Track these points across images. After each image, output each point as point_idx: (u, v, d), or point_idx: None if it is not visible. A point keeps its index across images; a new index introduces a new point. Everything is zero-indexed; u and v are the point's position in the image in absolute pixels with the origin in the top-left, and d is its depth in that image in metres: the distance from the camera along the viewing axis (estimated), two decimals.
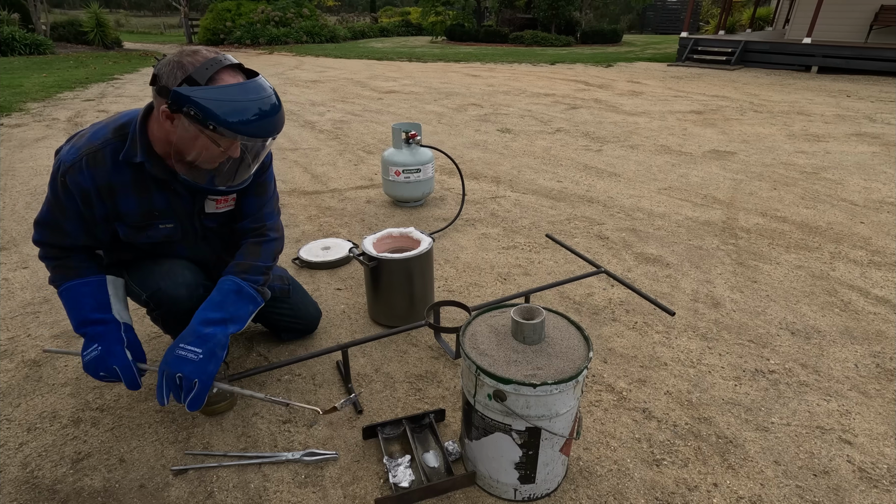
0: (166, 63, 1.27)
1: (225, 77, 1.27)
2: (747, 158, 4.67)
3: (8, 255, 2.80)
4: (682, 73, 10.57)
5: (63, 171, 1.38)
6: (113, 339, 1.45)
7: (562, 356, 1.29)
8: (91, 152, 1.39)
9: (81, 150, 1.39)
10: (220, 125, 1.24)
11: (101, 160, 1.40)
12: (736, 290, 2.48)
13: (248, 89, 1.27)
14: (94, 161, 1.39)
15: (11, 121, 5.96)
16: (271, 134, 1.33)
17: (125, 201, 1.46)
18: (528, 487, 1.39)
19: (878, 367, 1.95)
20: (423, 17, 21.39)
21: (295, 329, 2.05)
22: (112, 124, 1.43)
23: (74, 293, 1.48)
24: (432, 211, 3.44)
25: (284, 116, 1.36)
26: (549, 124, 6.00)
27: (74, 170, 1.38)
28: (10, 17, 13.99)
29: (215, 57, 1.27)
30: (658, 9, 25.37)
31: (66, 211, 1.43)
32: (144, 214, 1.50)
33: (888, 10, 11.06)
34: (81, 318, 1.46)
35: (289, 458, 1.53)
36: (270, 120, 1.30)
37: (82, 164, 1.38)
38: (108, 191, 1.43)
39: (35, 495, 1.43)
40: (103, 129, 1.42)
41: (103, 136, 1.41)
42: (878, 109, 6.89)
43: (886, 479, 1.48)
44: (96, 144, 1.39)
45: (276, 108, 1.32)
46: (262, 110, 1.28)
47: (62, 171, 1.38)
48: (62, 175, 1.38)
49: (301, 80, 9.54)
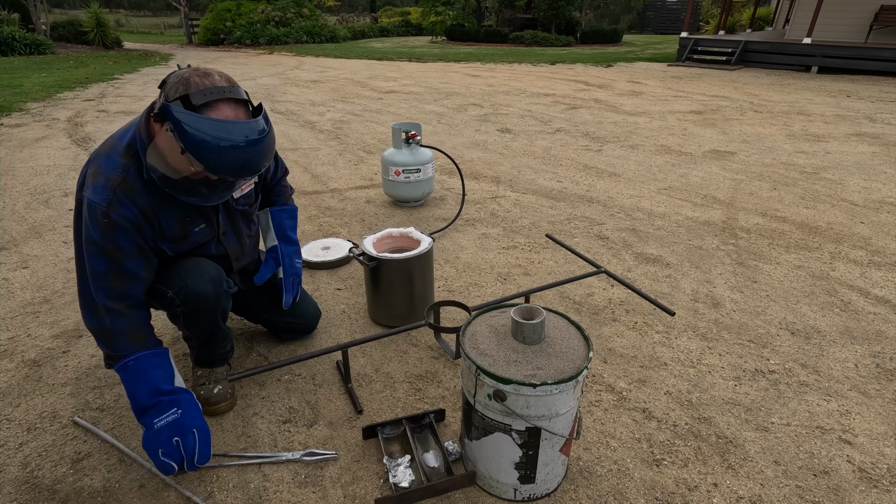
0: (178, 75, 1.28)
1: (220, 108, 1.25)
2: (747, 158, 4.67)
3: (8, 255, 2.80)
4: (682, 73, 10.58)
5: (104, 212, 1.34)
6: (191, 404, 1.44)
7: (562, 356, 1.29)
8: (119, 182, 1.36)
9: (109, 184, 1.35)
10: (187, 150, 1.23)
11: (132, 185, 1.37)
12: (736, 290, 2.48)
13: (232, 129, 1.24)
14: (127, 189, 1.36)
15: (11, 121, 5.96)
16: (235, 175, 1.31)
17: (165, 216, 1.46)
18: (528, 487, 1.39)
19: (878, 367, 1.95)
20: (423, 17, 21.40)
21: (295, 329, 2.05)
22: (117, 147, 1.39)
23: (145, 363, 1.42)
24: (432, 211, 3.44)
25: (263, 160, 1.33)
26: (549, 124, 6.00)
27: (115, 204, 1.35)
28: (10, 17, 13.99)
29: (223, 87, 1.26)
30: (658, 9, 25.36)
31: (123, 250, 1.39)
32: (181, 223, 1.50)
33: (888, 10, 11.06)
34: (154, 389, 1.40)
35: (289, 458, 1.53)
36: (239, 163, 1.27)
37: (119, 196, 1.35)
38: (151, 212, 1.42)
39: (35, 495, 1.43)
40: (112, 157, 1.38)
41: (117, 162, 1.37)
42: (878, 109, 6.89)
43: (886, 479, 1.48)
44: (118, 173, 1.36)
45: (248, 155, 1.28)
46: (234, 152, 1.25)
47: (103, 213, 1.34)
48: (105, 216, 1.34)
49: (301, 80, 9.54)
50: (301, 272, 1.95)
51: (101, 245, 1.37)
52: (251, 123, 1.28)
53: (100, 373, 1.90)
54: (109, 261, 1.38)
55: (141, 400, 1.39)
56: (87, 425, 1.64)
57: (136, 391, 1.40)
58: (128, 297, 1.43)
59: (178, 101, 1.23)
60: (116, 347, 1.43)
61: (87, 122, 5.90)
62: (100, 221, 1.35)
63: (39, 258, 2.76)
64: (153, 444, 1.36)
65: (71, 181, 3.94)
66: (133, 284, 1.44)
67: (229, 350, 1.79)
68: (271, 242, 1.87)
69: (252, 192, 1.72)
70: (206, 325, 1.64)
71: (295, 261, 1.91)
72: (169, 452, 1.36)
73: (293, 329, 2.05)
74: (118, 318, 1.42)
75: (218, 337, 1.70)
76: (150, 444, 1.36)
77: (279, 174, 1.88)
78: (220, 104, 1.25)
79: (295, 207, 1.92)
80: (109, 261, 1.38)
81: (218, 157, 1.24)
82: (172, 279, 1.53)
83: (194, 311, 1.58)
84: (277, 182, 1.89)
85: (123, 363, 1.42)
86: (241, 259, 1.77)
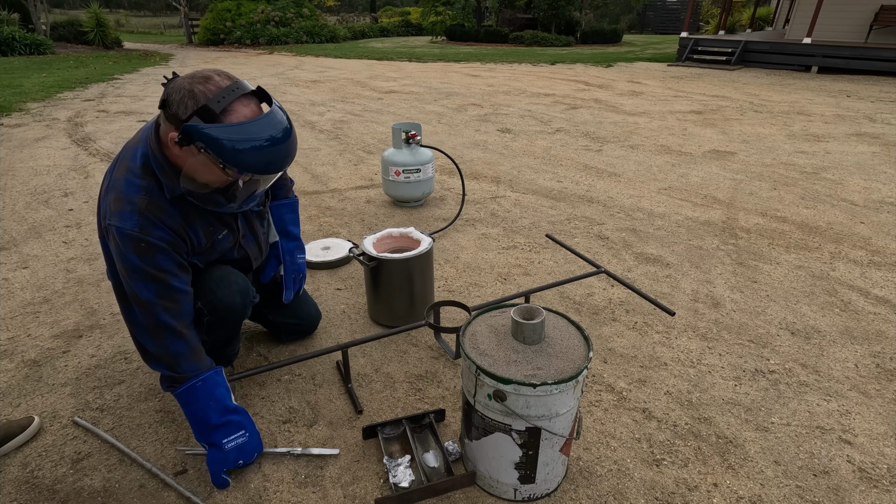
0: (177, 90, 1.21)
1: (238, 109, 1.23)
2: (747, 158, 4.67)
3: (8, 255, 2.80)
4: (682, 73, 10.58)
5: (138, 238, 1.31)
6: (252, 425, 1.50)
7: (562, 356, 1.29)
8: (146, 205, 1.32)
9: (136, 209, 1.31)
10: (229, 164, 1.21)
11: (159, 206, 1.34)
12: (736, 290, 2.48)
13: (262, 126, 1.22)
14: (155, 210, 1.33)
15: (11, 121, 5.96)
16: (282, 169, 1.31)
17: (193, 230, 1.45)
18: (528, 487, 1.39)
19: (878, 367, 1.95)
20: (423, 17, 21.40)
21: (296, 331, 2.05)
22: (133, 170, 1.34)
23: (212, 383, 1.43)
24: (432, 211, 3.44)
25: (295, 145, 1.33)
26: (549, 124, 6.00)
27: (148, 227, 1.32)
28: (10, 17, 13.99)
29: (229, 86, 1.22)
30: (658, 9, 25.37)
31: (167, 271, 1.37)
32: (207, 233, 1.50)
33: (888, 10, 11.06)
34: (222, 407, 1.43)
35: (291, 453, 1.54)
36: (282, 157, 1.27)
37: (149, 219, 1.32)
38: (182, 229, 1.41)
39: (35, 495, 1.43)
40: (131, 181, 1.33)
41: (138, 185, 1.33)
42: (878, 109, 6.89)
43: (886, 479, 1.48)
44: (142, 196, 1.32)
45: (287, 145, 1.28)
46: (274, 148, 1.24)
47: (137, 238, 1.31)
48: (141, 241, 1.31)
49: (301, 80, 9.54)
50: (304, 268, 1.95)
51: (145, 271, 1.34)
52: (272, 115, 1.26)
53: (100, 373, 1.90)
54: (157, 284, 1.37)
55: (211, 419, 1.41)
56: (87, 425, 1.64)
57: (206, 411, 1.41)
58: (182, 315, 1.42)
59: (194, 117, 1.19)
60: (182, 369, 1.42)
61: (87, 122, 5.90)
62: (136, 248, 1.32)
63: (39, 258, 2.76)
64: (220, 464, 1.43)
65: (71, 181, 3.94)
66: (184, 301, 1.43)
67: (236, 353, 1.82)
68: (272, 239, 1.86)
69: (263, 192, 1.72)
70: (227, 333, 1.66)
71: (297, 257, 1.89)
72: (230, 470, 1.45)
73: (294, 330, 2.04)
74: (178, 339, 1.41)
75: (232, 341, 1.74)
76: (218, 463, 1.42)
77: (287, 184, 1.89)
78: (236, 105, 1.23)
79: (296, 199, 1.90)
80: (157, 284, 1.37)
81: (261, 158, 1.23)
82: (201, 290, 1.53)
83: (221, 320, 1.59)
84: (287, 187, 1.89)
85: (191, 385, 1.41)
86: (258, 259, 1.78)
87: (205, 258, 1.54)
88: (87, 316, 2.25)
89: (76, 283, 2.51)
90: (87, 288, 2.47)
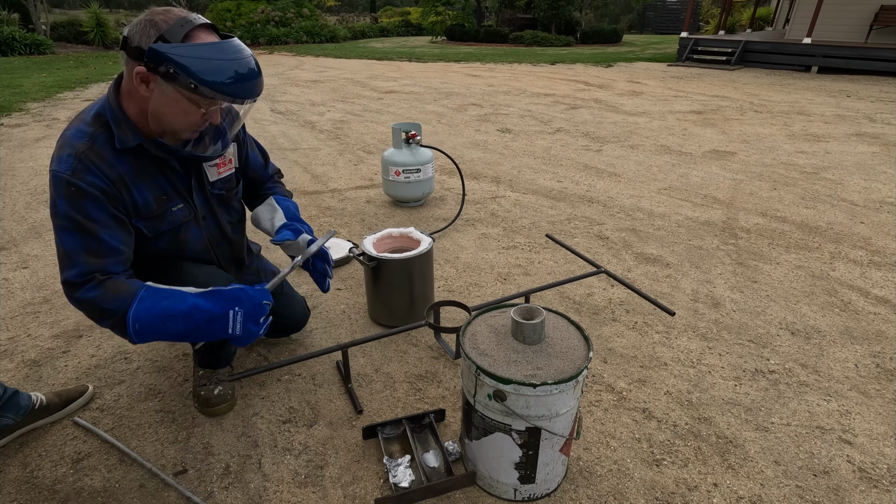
0: (137, 23, 1.20)
1: (200, 35, 1.22)
2: (747, 158, 4.67)
3: (8, 255, 2.80)
4: (682, 73, 10.58)
5: (69, 181, 1.23)
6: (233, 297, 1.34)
7: (562, 356, 1.29)
8: (85, 150, 1.26)
9: (74, 153, 1.25)
10: (200, 84, 1.18)
11: (99, 154, 1.28)
12: (736, 290, 2.48)
13: (227, 49, 1.21)
14: (93, 156, 1.27)
15: (11, 121, 5.96)
16: (252, 95, 1.27)
17: (138, 191, 1.36)
18: (528, 487, 1.39)
19: (878, 367, 1.95)
20: (423, 17, 21.40)
21: (281, 328, 1.96)
22: (85, 119, 1.31)
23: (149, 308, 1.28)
24: (432, 211, 3.44)
25: (261, 75, 1.29)
26: (549, 124, 6.00)
27: (81, 172, 1.24)
28: (10, 17, 13.98)
29: (187, 16, 1.22)
30: (658, 9, 25.37)
31: (96, 221, 1.27)
32: (157, 200, 1.41)
33: (888, 10, 11.06)
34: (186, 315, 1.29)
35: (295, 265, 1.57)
36: (251, 81, 1.25)
37: (84, 163, 1.25)
38: (121, 183, 1.32)
39: (35, 495, 1.43)
40: (80, 128, 1.29)
41: (84, 132, 1.28)
42: (878, 109, 6.89)
43: (886, 479, 1.48)
44: (84, 142, 1.27)
45: (254, 70, 1.26)
46: (241, 71, 1.22)
47: (67, 182, 1.23)
48: (71, 185, 1.23)
49: (301, 80, 9.54)
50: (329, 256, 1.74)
51: (72, 218, 1.25)
52: (234, 41, 1.25)
53: (100, 373, 1.90)
54: (84, 235, 1.26)
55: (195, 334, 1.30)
56: (87, 425, 1.64)
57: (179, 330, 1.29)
58: (106, 273, 1.30)
59: (158, 42, 1.16)
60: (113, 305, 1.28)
61: None
62: (66, 192, 1.23)
63: (39, 258, 2.76)
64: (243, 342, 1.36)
65: None
66: (112, 261, 1.30)
67: (234, 352, 1.80)
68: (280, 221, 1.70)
69: (232, 178, 1.64)
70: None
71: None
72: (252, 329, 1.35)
73: (279, 327, 1.92)
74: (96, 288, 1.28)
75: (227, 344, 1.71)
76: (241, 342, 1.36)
77: (269, 170, 1.82)
78: (198, 31, 1.22)
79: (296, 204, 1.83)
80: (84, 235, 1.26)
81: (232, 76, 1.20)
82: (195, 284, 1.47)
83: None
84: (270, 178, 1.82)
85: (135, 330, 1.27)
86: (222, 244, 1.68)
87: (154, 226, 1.43)
88: None
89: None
90: None
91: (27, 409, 1.58)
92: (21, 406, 1.57)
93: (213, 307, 1.31)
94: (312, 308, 2.31)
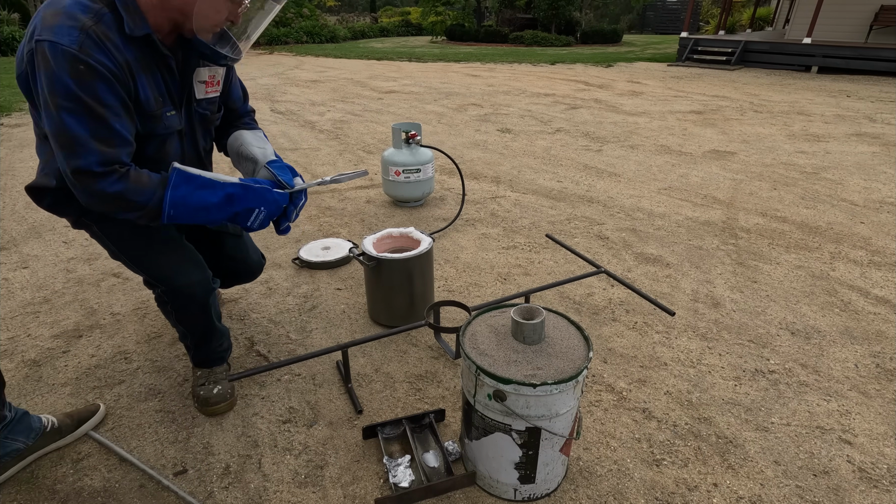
0: None
1: None
2: (747, 158, 4.67)
3: (8, 255, 2.80)
4: (682, 73, 10.57)
5: (76, 57, 1.09)
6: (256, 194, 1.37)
7: (562, 356, 1.29)
8: (92, 26, 1.12)
9: (79, 27, 1.10)
10: None
11: (106, 34, 1.14)
12: (736, 290, 2.48)
13: None
14: (102, 35, 1.13)
15: (11, 121, 5.96)
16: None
17: (141, 83, 1.24)
18: (528, 487, 1.39)
19: (878, 367, 1.95)
20: (423, 17, 21.39)
21: (236, 273, 1.89)
22: None
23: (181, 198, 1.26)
24: (432, 211, 3.44)
25: None
26: (549, 124, 6.00)
27: (90, 48, 1.10)
28: (10, 17, 13.98)
29: None
30: (658, 9, 25.36)
31: (107, 107, 1.15)
32: (156, 99, 1.31)
33: (888, 10, 11.06)
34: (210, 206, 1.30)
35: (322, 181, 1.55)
36: None
37: (94, 40, 1.11)
38: (128, 69, 1.19)
39: (35, 495, 1.43)
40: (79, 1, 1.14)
41: (88, 6, 1.14)
42: (878, 109, 6.89)
43: (886, 479, 1.48)
44: (89, 17, 1.13)
45: None
46: None
47: (74, 57, 1.08)
48: (79, 62, 1.09)
49: (301, 80, 9.54)
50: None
51: (81, 100, 1.11)
52: None
53: (100, 373, 1.90)
54: (95, 121, 1.14)
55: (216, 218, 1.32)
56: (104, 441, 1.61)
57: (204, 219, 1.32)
58: (120, 162, 1.20)
59: None
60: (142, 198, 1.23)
61: None
62: (73, 70, 1.09)
63: (39, 258, 2.76)
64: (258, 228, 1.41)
65: None
66: (124, 152, 1.21)
67: (227, 348, 1.77)
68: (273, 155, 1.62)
69: (217, 101, 1.58)
70: (197, 321, 1.61)
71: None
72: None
73: (234, 273, 1.87)
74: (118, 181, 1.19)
75: (213, 335, 1.68)
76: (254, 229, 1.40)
77: (247, 106, 1.75)
78: None
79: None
80: (95, 121, 1.14)
81: None
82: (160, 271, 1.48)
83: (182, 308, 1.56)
84: (246, 113, 1.75)
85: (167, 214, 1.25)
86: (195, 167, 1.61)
87: (149, 126, 1.32)
88: (87, 316, 2.25)
89: (76, 283, 2.51)
90: (87, 288, 2.47)
91: (39, 431, 1.51)
92: (33, 429, 1.50)
93: (243, 202, 1.35)
94: (312, 308, 2.31)
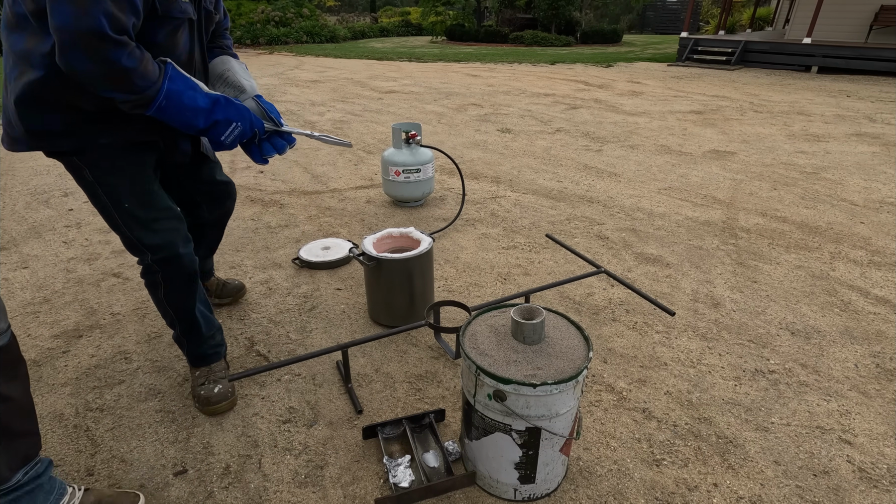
0: None
1: None
2: (747, 158, 4.67)
3: (8, 255, 2.80)
4: (682, 73, 10.58)
5: None
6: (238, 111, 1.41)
7: (562, 356, 1.29)
8: None
9: None
10: None
11: None
12: (736, 290, 2.48)
13: None
14: None
15: None
16: None
17: None
18: (528, 487, 1.39)
19: (878, 367, 1.95)
20: (423, 17, 21.39)
21: (218, 196, 1.88)
22: None
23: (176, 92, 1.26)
24: (432, 211, 3.44)
25: None
26: (549, 124, 6.00)
27: None
28: None
29: None
30: (658, 9, 25.37)
31: None
32: None
33: (888, 10, 11.07)
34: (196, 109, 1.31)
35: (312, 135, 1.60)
36: None
37: None
38: None
39: None
40: None
41: None
42: (878, 109, 6.89)
43: (886, 479, 1.48)
44: None
45: None
46: None
47: None
48: None
49: (301, 80, 9.54)
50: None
51: None
52: None
53: (100, 373, 1.90)
54: None
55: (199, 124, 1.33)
56: None
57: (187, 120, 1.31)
58: (128, 34, 1.14)
59: None
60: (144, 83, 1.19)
61: None
62: None
63: (39, 258, 2.76)
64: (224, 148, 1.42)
65: (71, 181, 3.94)
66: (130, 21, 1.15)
67: (220, 342, 1.76)
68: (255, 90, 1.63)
69: (219, 3, 1.58)
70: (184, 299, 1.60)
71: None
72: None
73: (213, 197, 1.86)
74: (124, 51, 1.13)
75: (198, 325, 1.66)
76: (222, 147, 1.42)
77: (226, 21, 1.73)
78: None
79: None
80: None
81: None
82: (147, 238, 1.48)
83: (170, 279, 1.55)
84: (226, 28, 1.72)
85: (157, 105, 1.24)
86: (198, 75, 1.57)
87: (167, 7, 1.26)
88: (87, 316, 2.25)
89: (76, 283, 2.51)
90: (87, 288, 2.47)
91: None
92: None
93: (224, 112, 1.37)
94: (312, 308, 2.31)
